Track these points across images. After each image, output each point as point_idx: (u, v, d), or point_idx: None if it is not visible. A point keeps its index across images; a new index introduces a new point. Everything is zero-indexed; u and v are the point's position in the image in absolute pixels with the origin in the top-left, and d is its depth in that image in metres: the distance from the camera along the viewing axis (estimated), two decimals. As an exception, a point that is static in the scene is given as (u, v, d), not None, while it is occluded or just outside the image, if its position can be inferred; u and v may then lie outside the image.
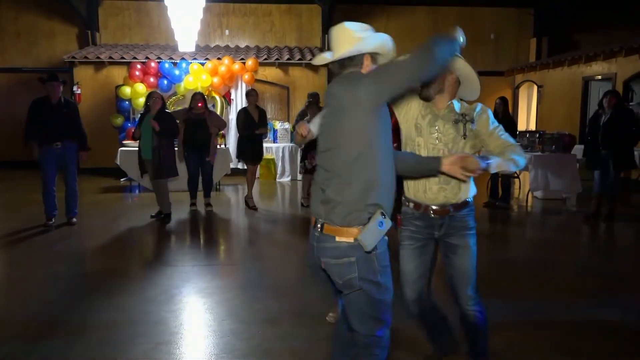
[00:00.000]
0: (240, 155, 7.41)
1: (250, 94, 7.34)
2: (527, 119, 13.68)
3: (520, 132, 9.49)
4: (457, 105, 2.56)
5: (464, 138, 2.52)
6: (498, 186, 7.54)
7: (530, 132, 8.95)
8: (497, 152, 2.49)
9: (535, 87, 12.93)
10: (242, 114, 7.22)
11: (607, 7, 12.10)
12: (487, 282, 4.40)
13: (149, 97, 6.57)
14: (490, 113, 2.58)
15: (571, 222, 6.86)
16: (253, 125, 7.16)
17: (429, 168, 2.30)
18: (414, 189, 2.58)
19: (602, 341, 3.31)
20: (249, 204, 7.45)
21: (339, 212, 1.99)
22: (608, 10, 12.19)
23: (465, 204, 2.57)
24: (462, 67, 2.51)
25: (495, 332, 3.36)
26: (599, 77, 10.66)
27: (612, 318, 3.66)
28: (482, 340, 2.74)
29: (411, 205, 2.60)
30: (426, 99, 2.54)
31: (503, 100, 7.48)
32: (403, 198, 2.66)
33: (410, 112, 2.59)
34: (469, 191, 2.59)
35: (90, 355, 3.07)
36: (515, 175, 9.65)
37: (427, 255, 2.62)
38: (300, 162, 7.82)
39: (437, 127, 2.53)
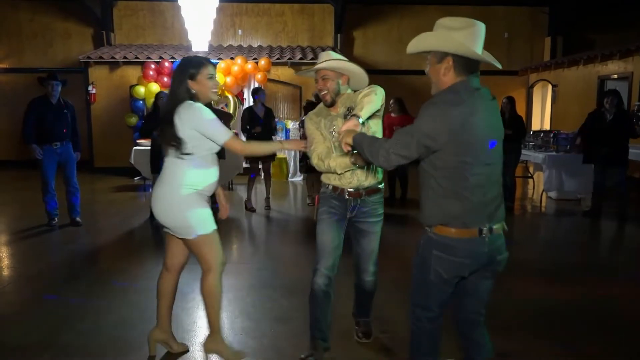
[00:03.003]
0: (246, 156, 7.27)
1: (257, 93, 7.30)
2: (541, 119, 13.55)
3: (534, 131, 9.41)
4: (346, 102, 2.86)
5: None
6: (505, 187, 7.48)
7: (545, 131, 8.85)
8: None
9: (550, 87, 12.80)
10: (247, 113, 7.20)
11: (624, 5, 11.93)
12: (499, 283, 4.39)
13: (157, 96, 6.64)
14: (364, 91, 2.76)
15: (586, 223, 6.79)
16: (258, 124, 7.11)
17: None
18: (332, 176, 2.87)
19: (615, 343, 3.28)
20: (265, 204, 7.46)
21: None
22: (624, 9, 12.02)
23: (376, 190, 2.90)
24: (347, 66, 2.81)
25: (506, 332, 3.35)
26: (615, 76, 10.52)
27: (625, 319, 3.62)
28: (371, 301, 3.18)
29: (330, 187, 2.90)
30: (331, 105, 2.86)
31: (510, 99, 7.42)
32: (322, 181, 2.97)
33: (317, 125, 2.91)
34: (378, 178, 2.89)
35: (103, 351, 3.12)
36: (529, 175, 9.59)
37: (341, 230, 2.91)
38: (301, 161, 7.77)
39: (334, 127, 2.81)
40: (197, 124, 2.63)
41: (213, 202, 3.33)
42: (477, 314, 2.28)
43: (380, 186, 2.94)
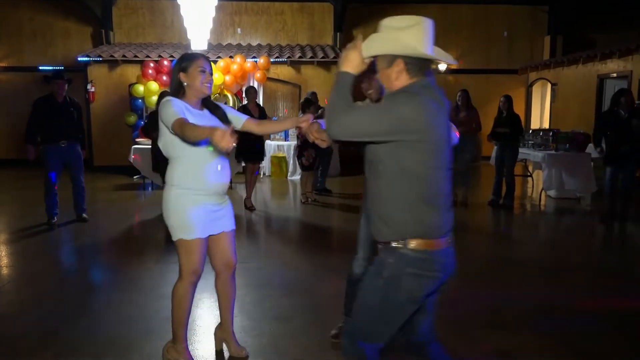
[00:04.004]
0: (238, 155, 7.13)
1: (249, 92, 7.30)
2: (540, 117, 13.56)
3: (533, 130, 9.42)
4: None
5: None
6: (502, 185, 7.49)
7: (544, 130, 8.85)
8: None
9: (549, 85, 12.80)
10: (240, 111, 7.18)
11: (623, 4, 11.93)
12: (499, 282, 4.40)
13: (160, 95, 6.63)
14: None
15: (586, 222, 6.80)
16: None
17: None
18: None
19: (617, 341, 3.28)
20: (247, 204, 7.34)
21: None
22: (624, 8, 12.02)
23: None
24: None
25: (507, 331, 3.35)
26: (614, 74, 10.53)
27: (627, 319, 3.62)
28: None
29: None
30: (377, 101, 2.82)
31: (507, 98, 7.44)
32: None
33: None
34: None
35: (103, 350, 3.12)
36: (528, 174, 9.59)
37: None
38: (298, 159, 7.76)
39: None
40: (160, 115, 2.53)
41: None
42: (430, 333, 2.13)
43: None
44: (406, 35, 1.85)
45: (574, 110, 11.78)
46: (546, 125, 12.90)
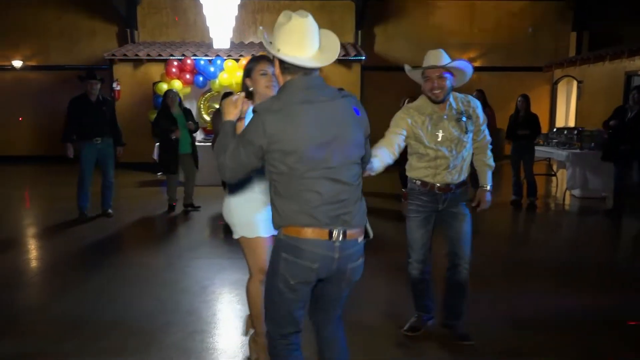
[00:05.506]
0: None
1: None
2: (566, 116, 13.31)
3: (557, 128, 9.27)
4: (453, 102, 2.96)
5: (466, 133, 2.94)
6: (521, 184, 7.39)
7: (568, 128, 8.70)
8: (478, 143, 3.08)
9: (575, 83, 12.56)
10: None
11: (653, -1, 11.63)
12: (517, 282, 4.35)
13: (165, 95, 6.75)
14: (479, 105, 3.02)
15: (609, 222, 6.66)
16: None
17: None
18: (423, 173, 3.01)
19: (634, 344, 3.23)
20: None
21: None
22: (653, 3, 11.71)
23: (464, 183, 3.06)
24: (460, 65, 2.87)
25: (521, 331, 3.33)
26: (643, 72, 10.28)
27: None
28: (464, 299, 3.17)
29: (418, 183, 3.04)
30: (441, 102, 2.92)
31: (525, 97, 7.34)
32: (409, 176, 3.11)
33: (411, 123, 2.97)
34: (468, 171, 3.06)
35: (125, 341, 3.19)
36: (552, 172, 9.44)
37: (430, 225, 3.09)
38: None
39: (441, 128, 2.92)
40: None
41: None
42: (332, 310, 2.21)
43: (465, 179, 3.07)
44: (279, 32, 2.01)
45: (600, 109, 11.51)
46: (572, 123, 12.66)
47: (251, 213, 2.65)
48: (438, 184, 2.98)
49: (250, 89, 2.65)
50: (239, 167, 1.97)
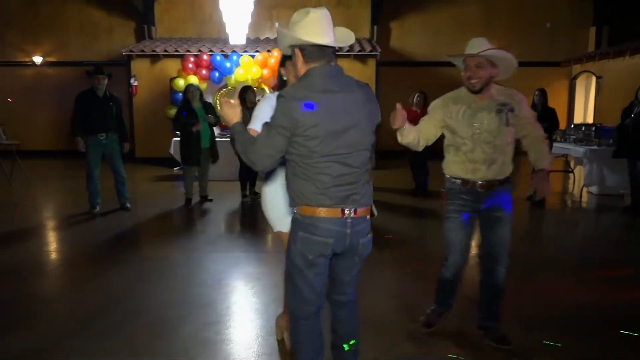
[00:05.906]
0: None
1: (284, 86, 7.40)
2: (584, 112, 13.13)
3: (575, 124, 9.16)
4: (495, 94, 2.85)
5: (507, 126, 2.81)
6: None
7: (586, 125, 8.60)
8: (529, 138, 2.92)
9: (594, 78, 12.38)
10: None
11: (675, -8, 11.40)
12: (531, 279, 4.34)
13: (186, 89, 6.86)
14: (524, 100, 2.92)
15: (626, 220, 6.58)
16: None
17: None
18: (462, 169, 2.88)
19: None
20: None
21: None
22: (676, -4, 11.48)
23: (507, 179, 2.90)
24: (496, 54, 2.80)
25: (534, 328, 3.32)
26: (664, 67, 10.10)
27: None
28: (500, 302, 3.07)
29: (458, 181, 2.91)
30: (476, 92, 2.82)
31: (542, 92, 7.29)
32: (447, 175, 2.97)
33: (447, 113, 2.90)
34: (510, 167, 2.91)
35: (142, 332, 3.27)
36: (570, 169, 9.33)
37: (470, 227, 2.96)
38: None
39: (479, 119, 2.81)
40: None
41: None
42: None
43: (509, 175, 2.92)
44: (299, 26, 2.14)
45: (619, 105, 11.29)
46: (590, 120, 12.49)
47: (286, 208, 2.71)
48: (480, 182, 2.84)
49: (285, 78, 2.76)
50: (274, 152, 2.11)
